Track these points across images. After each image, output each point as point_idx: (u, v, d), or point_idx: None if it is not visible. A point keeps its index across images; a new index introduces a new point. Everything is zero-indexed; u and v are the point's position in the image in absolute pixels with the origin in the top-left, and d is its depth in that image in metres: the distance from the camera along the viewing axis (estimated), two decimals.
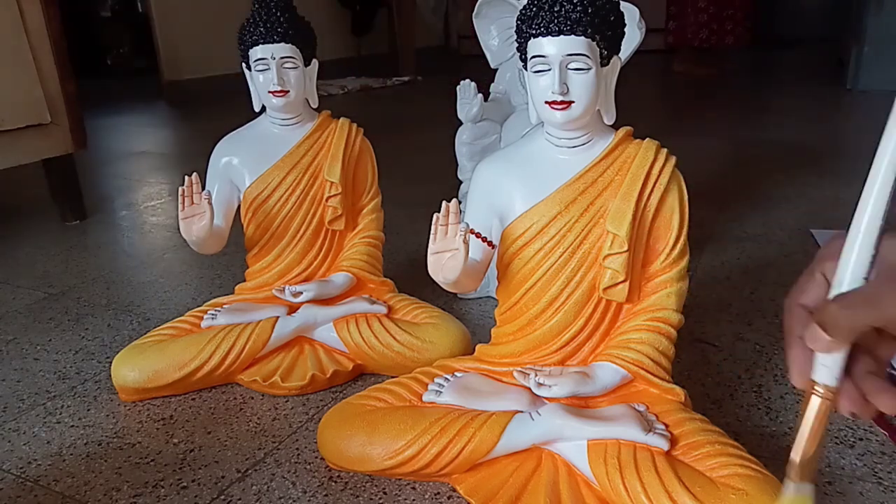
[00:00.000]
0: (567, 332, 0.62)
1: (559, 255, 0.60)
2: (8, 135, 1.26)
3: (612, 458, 0.54)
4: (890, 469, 0.59)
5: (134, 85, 3.22)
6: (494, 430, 0.57)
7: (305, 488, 0.60)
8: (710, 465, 0.53)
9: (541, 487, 0.55)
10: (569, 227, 0.60)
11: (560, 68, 0.56)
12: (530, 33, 0.56)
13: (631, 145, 0.61)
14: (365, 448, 0.59)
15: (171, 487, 0.61)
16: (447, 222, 0.57)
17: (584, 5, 0.54)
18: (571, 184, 0.60)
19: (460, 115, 0.94)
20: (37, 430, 0.70)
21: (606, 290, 0.60)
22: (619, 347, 0.61)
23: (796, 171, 1.57)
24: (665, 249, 0.61)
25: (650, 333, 0.61)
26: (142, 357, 0.74)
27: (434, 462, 0.57)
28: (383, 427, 0.59)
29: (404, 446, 0.58)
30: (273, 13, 0.76)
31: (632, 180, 0.59)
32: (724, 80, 3.17)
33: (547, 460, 0.58)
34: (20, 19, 1.23)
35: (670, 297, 0.61)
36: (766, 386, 0.73)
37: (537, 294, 0.62)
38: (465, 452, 0.57)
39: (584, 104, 0.57)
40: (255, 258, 0.85)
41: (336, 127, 0.83)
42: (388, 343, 0.76)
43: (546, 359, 0.63)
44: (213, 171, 0.82)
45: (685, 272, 0.62)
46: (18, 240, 1.33)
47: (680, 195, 0.61)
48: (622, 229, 0.58)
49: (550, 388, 0.60)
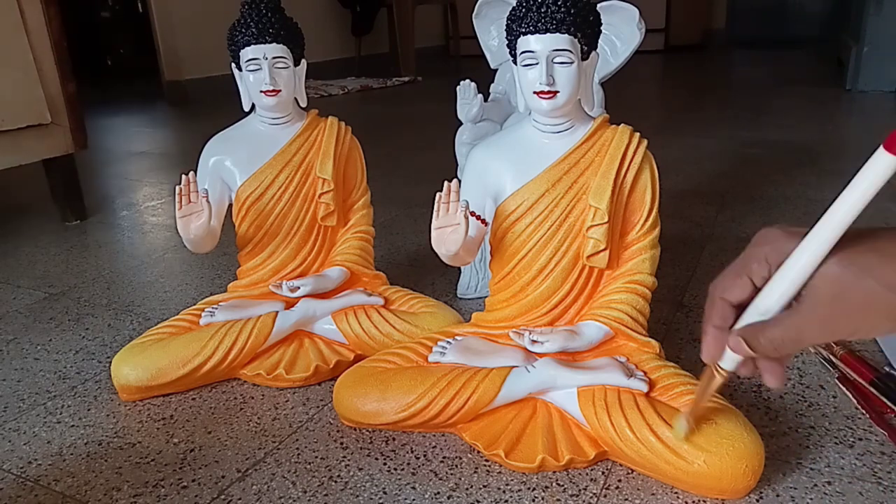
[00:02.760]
0: (555, 297, 0.69)
1: (547, 228, 0.68)
2: (8, 135, 1.26)
3: (600, 401, 0.61)
4: (890, 469, 0.59)
5: (134, 85, 3.22)
6: (495, 382, 0.64)
7: (305, 488, 0.60)
8: (683, 402, 0.60)
9: (537, 431, 0.63)
10: (555, 203, 0.67)
11: (546, 62, 0.62)
12: (520, 31, 0.63)
13: (608, 130, 0.68)
14: (379, 404, 0.65)
15: (172, 487, 0.61)
16: (448, 200, 0.64)
17: (567, 7, 0.61)
18: (557, 165, 0.67)
19: (460, 115, 0.94)
20: (37, 429, 0.70)
21: (590, 257, 0.67)
22: (602, 308, 0.69)
23: (796, 171, 1.57)
24: (640, 221, 0.69)
25: (629, 294, 0.68)
26: (143, 355, 0.74)
27: (442, 413, 0.64)
28: (395, 384, 0.66)
29: (415, 399, 0.64)
30: (264, 14, 0.77)
31: (610, 160, 0.67)
32: (725, 80, 3.17)
33: (542, 408, 0.65)
34: (20, 20, 1.24)
35: (645, 262, 0.69)
36: (765, 386, 0.73)
37: (528, 263, 0.69)
38: (470, 403, 0.64)
39: (567, 94, 0.64)
40: (249, 256, 0.85)
41: (326, 125, 0.84)
42: (387, 332, 0.78)
43: (537, 321, 0.70)
44: (204, 171, 0.82)
45: (657, 241, 0.70)
46: (18, 240, 1.33)
47: (651, 173, 0.68)
48: (603, 203, 0.65)
49: (543, 345, 0.67)
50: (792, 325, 0.40)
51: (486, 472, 0.61)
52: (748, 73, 3.50)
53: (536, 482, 0.60)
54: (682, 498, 0.57)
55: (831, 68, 3.15)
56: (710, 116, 2.33)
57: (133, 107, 3.15)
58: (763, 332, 0.41)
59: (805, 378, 0.74)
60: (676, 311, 0.91)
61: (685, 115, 2.38)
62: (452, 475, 0.61)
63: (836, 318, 0.39)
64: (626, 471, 0.61)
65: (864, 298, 0.37)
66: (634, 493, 0.58)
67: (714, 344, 0.45)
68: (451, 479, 0.60)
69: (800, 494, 0.57)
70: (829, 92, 2.62)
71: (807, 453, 0.62)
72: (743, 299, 0.43)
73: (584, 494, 0.58)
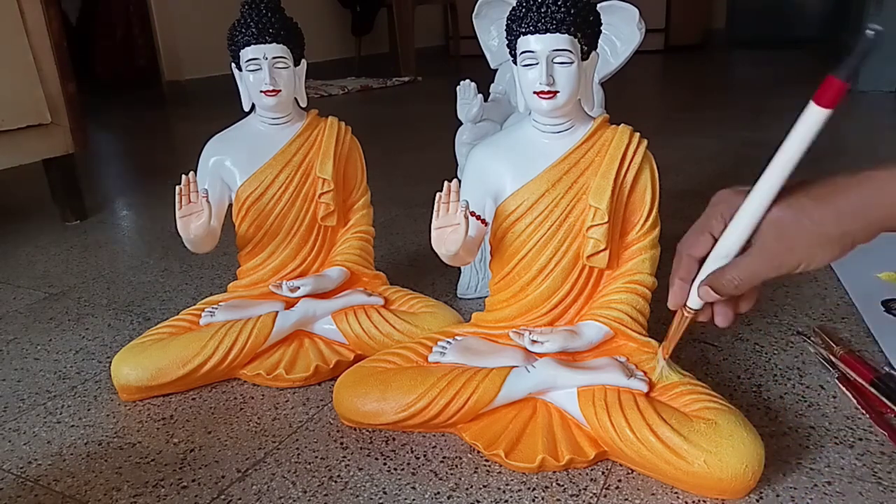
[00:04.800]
0: (555, 297, 0.69)
1: (547, 228, 0.67)
2: (8, 135, 1.26)
3: (600, 401, 0.61)
4: (890, 469, 0.59)
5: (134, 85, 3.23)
6: (495, 382, 0.64)
7: (305, 488, 0.60)
8: (683, 402, 0.61)
9: (538, 431, 0.63)
10: (555, 203, 0.67)
11: (546, 62, 0.62)
12: (520, 31, 0.63)
13: (608, 130, 0.68)
14: (379, 404, 0.65)
15: (172, 487, 0.61)
16: (448, 200, 0.64)
17: (567, 7, 0.61)
18: (557, 165, 0.67)
19: (460, 115, 0.94)
20: (37, 429, 0.70)
21: (590, 257, 0.67)
22: (601, 307, 0.69)
23: (796, 171, 1.57)
24: (640, 221, 0.68)
25: (629, 294, 0.68)
26: (144, 355, 0.74)
27: (442, 413, 0.64)
28: (395, 384, 0.66)
29: (415, 399, 0.64)
30: (264, 14, 0.77)
31: (610, 161, 0.66)
32: (725, 80, 3.17)
33: (542, 408, 0.65)
34: (20, 20, 1.24)
35: (645, 262, 0.69)
36: (765, 386, 0.73)
37: (528, 263, 0.69)
38: (470, 403, 0.64)
39: (567, 94, 0.64)
40: (249, 256, 0.85)
41: (326, 125, 0.84)
42: (388, 332, 0.78)
43: (537, 321, 0.70)
44: (204, 171, 0.82)
45: (657, 241, 0.69)
46: (18, 240, 1.33)
47: (651, 173, 0.68)
48: (603, 203, 0.65)
49: (543, 345, 0.67)
50: (746, 265, 0.48)
51: (486, 472, 0.61)
52: (748, 73, 3.50)
53: (536, 482, 0.60)
54: (682, 498, 0.57)
55: (831, 68, 3.15)
56: (710, 116, 2.33)
57: (133, 106, 3.15)
58: (724, 275, 0.49)
59: (805, 378, 0.74)
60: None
61: (685, 115, 2.38)
62: (452, 475, 0.61)
63: (781, 254, 0.46)
64: (626, 471, 0.61)
65: (801, 234, 0.45)
66: (634, 493, 0.58)
67: (679, 293, 0.54)
68: (451, 479, 0.60)
69: (800, 494, 0.57)
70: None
71: (807, 453, 0.62)
72: (704, 254, 0.51)
73: (584, 494, 0.58)
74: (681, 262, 0.52)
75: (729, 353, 0.80)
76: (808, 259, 0.46)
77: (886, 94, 2.50)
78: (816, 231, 0.45)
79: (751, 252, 0.48)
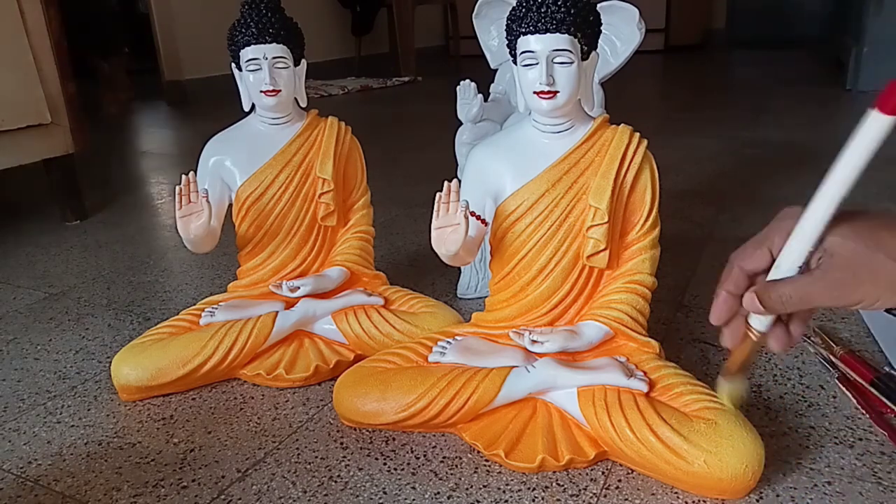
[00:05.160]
0: (555, 297, 0.69)
1: (547, 228, 0.67)
2: (8, 135, 1.26)
3: (600, 401, 0.61)
4: (890, 469, 0.59)
5: (134, 85, 3.23)
6: (495, 382, 0.64)
7: (305, 488, 0.60)
8: (683, 402, 0.61)
9: (538, 431, 0.63)
10: (555, 203, 0.67)
11: (546, 62, 0.62)
12: (520, 31, 0.63)
13: (608, 130, 0.68)
14: (379, 404, 0.65)
15: (172, 487, 0.61)
16: (448, 200, 0.64)
17: (567, 7, 0.61)
18: (557, 165, 0.67)
19: (460, 115, 0.94)
20: (37, 429, 0.70)
21: (590, 257, 0.67)
22: (602, 307, 0.69)
23: (796, 171, 1.57)
24: (640, 221, 0.68)
25: (629, 294, 0.68)
26: (144, 355, 0.74)
27: (442, 413, 0.64)
28: (395, 384, 0.66)
29: (415, 399, 0.64)
30: (264, 14, 0.77)
31: (610, 161, 0.66)
32: (725, 80, 3.17)
33: (542, 408, 0.65)
34: (20, 19, 1.24)
35: (645, 262, 0.69)
36: (765, 386, 0.73)
37: (528, 263, 0.69)
38: (470, 403, 0.64)
39: (567, 94, 0.64)
40: (248, 256, 0.85)
41: (325, 125, 0.84)
42: (388, 332, 0.78)
43: (537, 321, 0.70)
44: (204, 171, 0.82)
45: (657, 241, 0.69)
46: (18, 240, 1.33)
47: (651, 173, 0.68)
48: (603, 203, 0.65)
49: (543, 345, 0.67)
50: (802, 286, 0.44)
51: (486, 472, 0.61)
52: (748, 73, 3.50)
53: (536, 482, 0.60)
54: (682, 498, 0.57)
55: (831, 68, 3.15)
56: (710, 116, 2.33)
57: (133, 106, 3.15)
58: (774, 289, 0.45)
59: (805, 378, 0.74)
60: (676, 312, 0.91)
61: (685, 115, 2.38)
62: (452, 475, 0.61)
63: (845, 285, 0.42)
64: (626, 471, 0.61)
65: (873, 269, 0.41)
66: (634, 493, 0.58)
67: (724, 307, 0.48)
68: (451, 479, 0.60)
69: (800, 494, 0.57)
70: (828, 92, 2.62)
71: (807, 453, 0.62)
72: (759, 269, 0.47)
73: (584, 494, 0.58)
74: (731, 273, 0.48)
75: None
76: (872, 298, 0.41)
77: None
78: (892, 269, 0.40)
79: (812, 273, 0.44)
